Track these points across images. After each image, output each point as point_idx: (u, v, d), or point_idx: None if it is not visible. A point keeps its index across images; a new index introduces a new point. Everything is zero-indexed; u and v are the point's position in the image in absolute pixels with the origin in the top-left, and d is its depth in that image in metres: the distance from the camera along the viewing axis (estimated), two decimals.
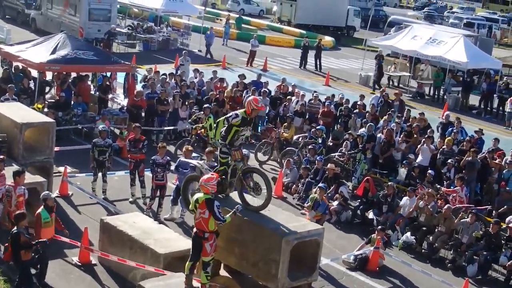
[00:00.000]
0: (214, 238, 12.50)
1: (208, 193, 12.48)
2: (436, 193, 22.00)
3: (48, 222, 14.58)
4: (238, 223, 12.88)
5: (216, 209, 12.33)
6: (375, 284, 17.79)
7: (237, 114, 13.11)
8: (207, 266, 12.56)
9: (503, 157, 24.22)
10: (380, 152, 25.37)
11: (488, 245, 19.11)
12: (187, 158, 19.43)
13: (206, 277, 12.59)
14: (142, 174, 20.51)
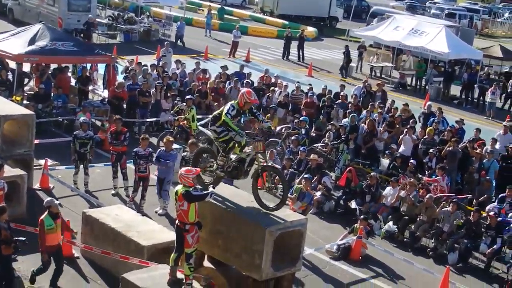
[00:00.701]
0: (196, 230, 12.47)
1: (190, 185, 12.44)
2: (418, 182, 22.12)
3: (52, 228, 14.31)
4: (221, 215, 12.89)
5: (195, 197, 12.30)
6: (358, 273, 17.87)
7: (233, 106, 13.06)
8: (190, 257, 12.56)
9: (483, 147, 24.37)
10: (363, 142, 25.45)
11: (468, 233, 19.26)
12: (168, 149, 19.37)
13: (189, 268, 12.59)
14: (124, 166, 20.44)
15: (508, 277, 18.06)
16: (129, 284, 13.02)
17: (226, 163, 13.19)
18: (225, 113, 12.92)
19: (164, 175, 19.34)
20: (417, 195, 20.81)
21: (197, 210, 12.43)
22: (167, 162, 19.13)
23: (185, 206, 12.34)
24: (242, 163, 13.14)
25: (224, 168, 13.19)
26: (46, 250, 14.38)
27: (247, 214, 12.61)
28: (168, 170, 19.36)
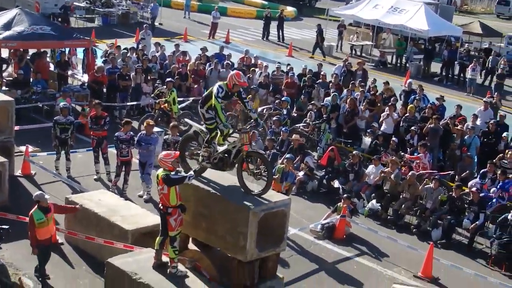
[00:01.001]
0: (179, 213, 12.43)
1: (169, 169, 12.39)
2: (400, 160, 22.19)
3: (43, 222, 14.04)
4: (205, 198, 12.84)
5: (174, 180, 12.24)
6: (343, 252, 17.94)
7: (221, 87, 12.80)
8: (174, 241, 12.52)
9: (464, 123, 24.46)
10: (344, 121, 25.48)
11: (451, 209, 19.36)
12: (148, 132, 19.29)
13: (173, 251, 12.56)
14: (105, 151, 20.35)
15: (491, 251, 18.18)
16: (114, 268, 12.99)
17: (211, 154, 13.07)
18: (215, 97, 12.65)
19: (145, 159, 19.21)
20: (400, 173, 20.87)
21: (178, 193, 12.38)
22: (148, 146, 19.04)
23: (166, 189, 12.30)
24: (228, 155, 13.06)
25: (210, 159, 13.09)
26: (38, 244, 14.17)
27: (230, 196, 12.58)
28: (150, 153, 19.24)
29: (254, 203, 12.33)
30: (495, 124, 24.12)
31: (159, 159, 12.51)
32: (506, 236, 17.93)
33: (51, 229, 14.46)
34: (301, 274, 16.37)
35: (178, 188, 12.41)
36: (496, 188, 20.33)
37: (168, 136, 20.21)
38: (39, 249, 14.21)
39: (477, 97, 34.01)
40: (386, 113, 24.97)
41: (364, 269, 17.20)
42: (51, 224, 14.33)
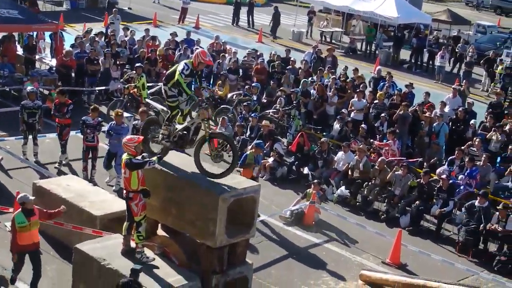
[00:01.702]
0: (140, 198, 12.28)
1: (132, 153, 12.28)
2: (369, 147, 22.27)
3: (25, 226, 13.07)
4: (174, 183, 12.79)
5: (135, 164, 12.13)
6: (312, 238, 17.98)
7: (187, 65, 12.71)
8: (139, 226, 12.41)
9: (432, 110, 24.61)
10: (314, 107, 25.51)
11: (420, 196, 19.47)
12: (118, 122, 19.06)
13: (138, 237, 12.47)
14: (65, 138, 20.06)
15: (458, 238, 18.32)
16: (82, 254, 12.90)
17: (171, 132, 12.97)
18: (180, 72, 12.58)
19: (116, 149, 18.81)
20: (368, 160, 20.94)
21: (140, 178, 12.23)
22: (118, 136, 18.73)
23: (127, 174, 12.21)
24: (187, 132, 12.98)
25: (169, 138, 12.98)
26: (17, 250, 13.34)
27: (200, 182, 12.54)
28: (120, 144, 18.84)
29: (223, 189, 12.30)
30: (464, 112, 24.29)
31: (123, 143, 12.42)
32: (473, 223, 18.07)
33: (34, 236, 13.42)
34: (270, 260, 16.40)
35: (144, 173, 12.30)
36: (463, 175, 20.48)
37: (137, 122, 20.06)
38: (18, 256, 13.38)
39: (446, 85, 34.21)
40: (355, 99, 25.05)
41: (333, 255, 17.26)
42: (34, 230, 13.35)
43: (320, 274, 16.09)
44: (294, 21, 47.09)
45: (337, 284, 15.57)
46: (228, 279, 12.94)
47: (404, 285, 14.56)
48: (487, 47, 41.89)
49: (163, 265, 12.71)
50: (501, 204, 18.39)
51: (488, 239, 18.02)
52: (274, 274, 15.75)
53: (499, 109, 26.05)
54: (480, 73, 36.81)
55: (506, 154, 22.01)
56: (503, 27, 53.30)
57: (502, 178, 21.29)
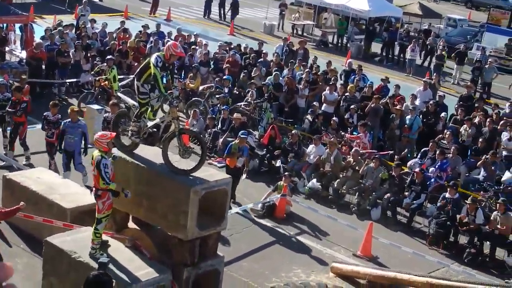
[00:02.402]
0: (109, 196, 12.16)
1: (104, 150, 12.16)
2: (340, 139, 22.33)
3: None
4: (146, 176, 12.73)
5: (102, 168, 12.00)
6: (283, 231, 18.01)
7: (159, 57, 12.57)
8: (99, 223, 12.26)
9: (402, 103, 24.74)
10: (285, 100, 25.53)
11: (391, 189, 19.56)
12: (73, 120, 18.33)
13: (95, 233, 12.32)
14: (22, 137, 19.60)
15: (429, 230, 18.44)
16: (52, 247, 12.81)
17: (141, 129, 12.85)
18: (154, 65, 12.41)
19: (72, 148, 18.35)
20: (339, 154, 20.98)
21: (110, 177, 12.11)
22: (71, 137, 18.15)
23: (96, 172, 12.07)
24: (157, 129, 12.91)
25: (139, 134, 12.88)
26: None
27: (171, 174, 12.50)
28: (76, 142, 18.34)
29: (195, 181, 12.27)
30: (435, 105, 24.45)
31: (95, 139, 12.27)
32: (444, 216, 18.19)
33: None
34: (242, 252, 16.40)
35: (114, 170, 12.18)
36: (434, 168, 20.62)
37: (107, 114, 19.92)
38: None
39: (417, 78, 34.38)
40: (326, 92, 25.12)
41: (304, 248, 17.30)
42: None
43: (291, 267, 16.11)
44: (265, 13, 47.06)
45: (308, 276, 15.60)
46: (199, 271, 12.92)
47: (375, 277, 14.63)
48: (457, 40, 42.19)
49: (134, 258, 12.65)
50: (470, 198, 18.54)
51: (459, 231, 18.15)
52: (246, 267, 15.76)
53: (469, 102, 26.23)
54: (451, 66, 37.04)
55: (476, 147, 22.18)
56: (473, 20, 53.65)
57: (472, 171, 21.48)
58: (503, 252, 17.70)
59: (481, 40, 42.32)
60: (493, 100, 30.27)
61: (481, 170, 20.76)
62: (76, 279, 12.06)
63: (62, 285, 12.73)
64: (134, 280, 11.87)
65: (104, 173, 11.91)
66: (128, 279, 11.80)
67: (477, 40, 42.98)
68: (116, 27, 31.40)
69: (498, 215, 17.77)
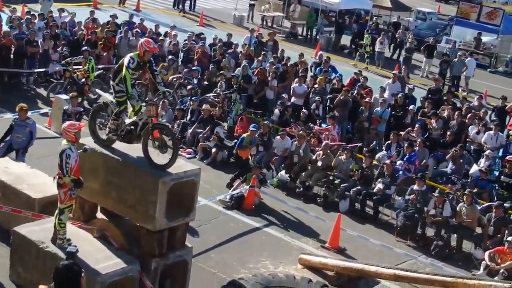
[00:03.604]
0: (72, 187, 12.05)
1: (71, 139, 12.05)
2: (309, 132, 22.38)
3: None
4: (114, 166, 12.68)
5: (64, 158, 11.90)
6: (252, 222, 18.02)
7: (132, 58, 12.51)
8: (61, 213, 12.18)
9: (371, 95, 24.86)
10: (254, 92, 25.53)
11: (360, 181, 19.64)
12: (22, 118, 17.78)
13: (59, 224, 12.27)
14: None
15: (397, 223, 18.55)
16: (20, 237, 12.74)
17: (118, 126, 12.78)
18: (126, 67, 12.37)
19: (17, 146, 17.90)
20: (308, 146, 21.03)
21: (73, 168, 11.99)
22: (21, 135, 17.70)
23: (58, 160, 11.98)
24: (135, 127, 12.82)
25: (117, 132, 12.81)
26: None
27: (140, 165, 12.46)
28: (22, 142, 17.86)
29: (164, 172, 12.24)
30: (403, 97, 24.58)
31: (63, 128, 12.18)
32: (411, 208, 18.31)
33: None
34: (210, 244, 16.39)
35: (79, 162, 12.08)
36: (402, 160, 20.75)
37: (67, 107, 19.69)
38: None
39: (386, 70, 34.55)
40: (296, 84, 25.16)
41: (272, 239, 17.33)
42: None
43: (259, 258, 16.14)
44: (235, 5, 46.98)
45: (276, 267, 15.63)
46: (167, 262, 12.91)
47: (343, 269, 14.70)
48: (426, 33, 42.44)
49: (102, 248, 12.62)
50: (437, 191, 18.68)
51: (426, 224, 18.28)
52: (214, 258, 15.76)
53: (437, 95, 26.40)
54: (419, 59, 37.25)
55: (444, 140, 22.34)
56: (442, 14, 53.98)
57: (440, 164, 21.64)
58: (470, 245, 17.85)
59: (450, 34, 42.60)
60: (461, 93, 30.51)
61: (449, 163, 20.94)
62: (43, 269, 12.02)
63: (30, 275, 12.68)
64: (102, 270, 11.84)
65: (65, 163, 11.82)
66: (96, 269, 11.76)
67: (446, 33, 43.27)
68: (85, 17, 31.13)
69: (464, 207, 17.93)
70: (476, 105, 25.57)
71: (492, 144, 22.00)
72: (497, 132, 22.24)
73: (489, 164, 20.62)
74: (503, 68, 40.50)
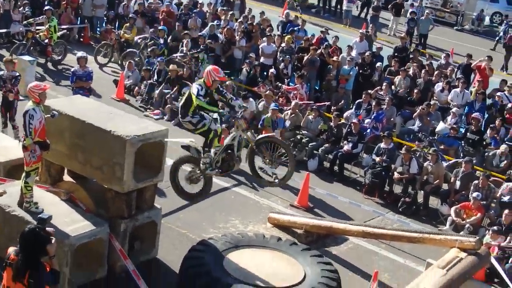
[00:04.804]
0: (36, 149, 11.90)
1: (36, 101, 11.86)
2: (277, 91, 22.33)
3: None
4: (80, 128, 12.53)
5: (28, 119, 11.71)
6: (219, 182, 17.89)
7: (200, 86, 12.08)
8: (28, 176, 12.03)
9: (339, 54, 24.81)
10: (222, 51, 25.36)
11: (328, 139, 19.68)
12: None
13: (26, 187, 12.14)
14: None
15: (365, 180, 18.65)
16: None
17: (212, 159, 12.30)
18: (196, 96, 11.95)
19: None
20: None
21: (38, 130, 11.75)
22: None
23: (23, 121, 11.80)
24: (231, 150, 12.38)
25: (212, 165, 12.37)
26: None
27: (106, 126, 12.33)
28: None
29: (131, 133, 12.13)
30: (371, 55, 24.56)
31: (28, 88, 11.96)
32: (379, 166, 18.41)
33: None
34: (179, 204, 16.31)
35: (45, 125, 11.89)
36: (370, 119, 20.80)
37: (3, 72, 19.21)
38: None
39: (353, 29, 34.47)
40: (264, 44, 25.03)
41: (242, 199, 17.34)
42: None
43: (228, 218, 16.16)
44: None
45: (246, 227, 15.67)
46: (136, 224, 12.88)
47: (312, 227, 14.79)
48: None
49: (70, 211, 12.53)
50: (404, 148, 18.77)
51: (394, 181, 18.40)
52: (183, 218, 15.74)
53: (404, 54, 26.42)
54: (387, 17, 37.20)
55: (411, 98, 22.41)
56: None
57: (407, 122, 21.73)
58: (436, 201, 18.02)
59: None
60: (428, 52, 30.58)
61: (416, 121, 21.03)
62: (10, 233, 11.90)
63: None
64: (70, 233, 11.77)
65: (28, 124, 11.63)
66: (64, 232, 11.68)
67: None
68: None
69: (429, 165, 18.06)
70: (443, 63, 25.63)
71: (458, 101, 22.11)
72: (463, 90, 22.34)
73: (455, 122, 20.73)
74: (469, 26, 40.64)
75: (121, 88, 22.79)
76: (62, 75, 23.80)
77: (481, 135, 19.96)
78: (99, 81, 22.98)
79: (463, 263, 12.37)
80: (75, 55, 22.32)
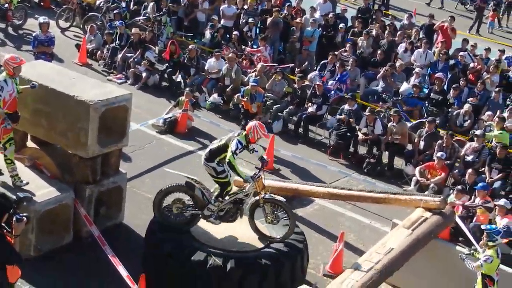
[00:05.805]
0: (3, 121, 11.71)
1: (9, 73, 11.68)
2: (241, 53, 22.25)
3: None
4: (43, 94, 12.41)
5: None
6: (185, 145, 17.99)
7: (240, 143, 11.54)
8: (5, 149, 11.88)
9: (302, 15, 24.73)
10: (184, 14, 25.15)
11: (292, 101, 19.70)
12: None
13: (5, 161, 12.01)
14: None
15: (330, 142, 18.73)
16: None
17: (218, 207, 11.99)
18: (233, 152, 11.49)
19: None
20: (240, 68, 20.91)
21: (8, 102, 11.62)
22: None
23: None
24: (240, 204, 12.05)
25: (215, 213, 12.01)
26: None
27: (70, 91, 12.22)
28: None
29: (95, 98, 12.06)
30: (335, 17, 24.51)
31: (4, 60, 11.79)
32: (344, 127, 18.48)
33: None
34: (145, 168, 16.33)
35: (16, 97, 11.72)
36: (334, 80, 20.83)
37: None
38: None
39: None
40: (225, 6, 24.85)
41: None
42: None
43: None
44: None
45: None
46: (102, 189, 12.86)
47: (278, 189, 14.77)
48: None
49: (35, 177, 12.48)
50: (368, 109, 18.86)
51: (358, 142, 18.50)
52: (148, 183, 15.71)
53: (367, 14, 26.40)
54: None
55: (375, 59, 22.45)
56: None
57: (371, 83, 21.79)
58: (401, 161, 18.17)
59: None
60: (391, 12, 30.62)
61: (379, 82, 21.09)
62: None
63: None
64: (36, 199, 11.71)
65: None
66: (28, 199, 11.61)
67: None
68: None
69: (393, 125, 18.16)
70: (406, 23, 25.67)
71: (421, 62, 22.21)
72: (426, 50, 22.43)
73: (419, 82, 20.85)
74: None
75: (83, 52, 22.56)
76: (23, 40, 23.47)
77: (445, 95, 20.09)
78: (61, 45, 22.73)
79: (428, 222, 12.49)
80: (36, 20, 22.05)
